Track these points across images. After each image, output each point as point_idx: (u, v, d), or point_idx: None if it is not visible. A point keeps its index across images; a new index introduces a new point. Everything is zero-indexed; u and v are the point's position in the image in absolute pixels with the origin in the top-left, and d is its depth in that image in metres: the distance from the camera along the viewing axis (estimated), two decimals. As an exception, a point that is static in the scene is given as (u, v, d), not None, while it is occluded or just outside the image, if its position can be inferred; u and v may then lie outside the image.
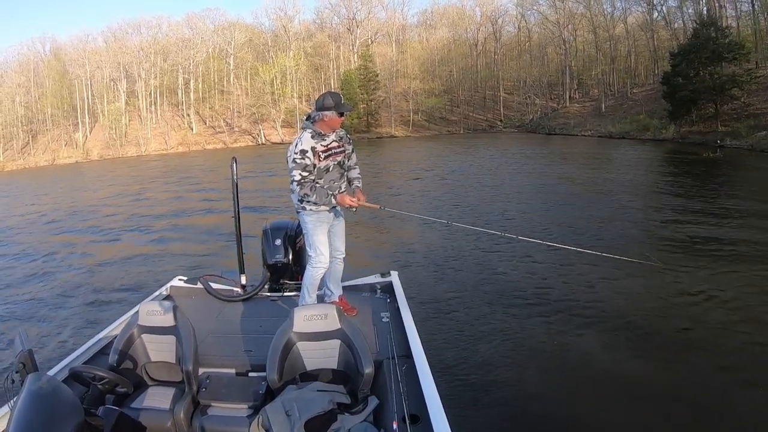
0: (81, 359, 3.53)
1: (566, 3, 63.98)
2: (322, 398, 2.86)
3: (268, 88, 65.62)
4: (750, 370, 5.08)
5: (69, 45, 71.93)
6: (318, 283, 4.33)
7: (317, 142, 4.09)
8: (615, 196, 15.38)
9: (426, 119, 67.14)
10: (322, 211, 4.20)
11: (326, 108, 4.01)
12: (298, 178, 4.02)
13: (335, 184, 4.23)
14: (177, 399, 3.07)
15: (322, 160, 4.12)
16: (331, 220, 4.30)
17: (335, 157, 4.20)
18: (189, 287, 5.10)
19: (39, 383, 2.28)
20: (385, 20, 77.02)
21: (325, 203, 4.10)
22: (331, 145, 4.17)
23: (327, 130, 4.12)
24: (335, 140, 4.20)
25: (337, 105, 4.04)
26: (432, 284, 8.20)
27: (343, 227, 4.50)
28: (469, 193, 17.55)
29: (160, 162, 46.78)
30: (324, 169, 4.14)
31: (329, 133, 4.15)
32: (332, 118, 4.06)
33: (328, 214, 4.26)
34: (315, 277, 4.28)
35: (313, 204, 4.13)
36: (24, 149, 63.58)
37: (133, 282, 9.43)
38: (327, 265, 4.27)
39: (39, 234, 15.78)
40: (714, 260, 8.62)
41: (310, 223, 4.23)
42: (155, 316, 3.31)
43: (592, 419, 4.44)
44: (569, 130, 50.55)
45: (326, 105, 4.01)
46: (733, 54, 32.72)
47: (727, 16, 46.13)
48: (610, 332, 6.10)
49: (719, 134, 31.07)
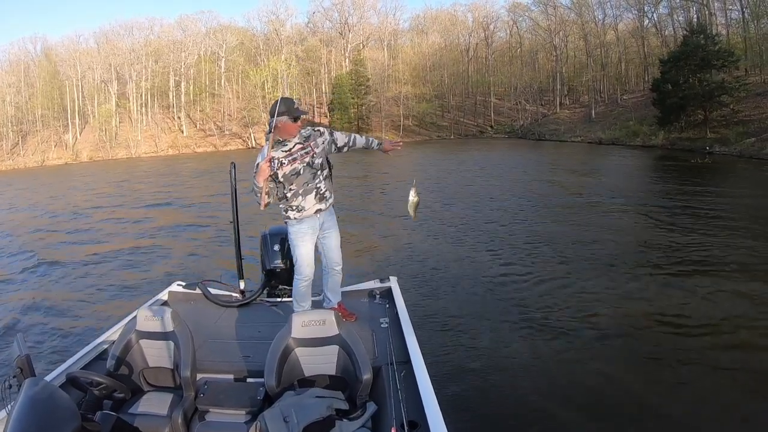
0: (78, 364, 3.51)
1: (558, 10, 64.62)
2: (321, 404, 2.86)
3: (259, 91, 65.43)
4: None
5: (60, 46, 71.61)
6: (305, 295, 4.31)
7: (276, 149, 4.05)
8: (600, 202, 15.50)
9: (417, 124, 67.33)
10: (305, 220, 4.16)
11: (280, 114, 3.94)
12: (250, 189, 4.08)
13: (309, 186, 4.14)
14: (175, 405, 3.06)
15: (285, 165, 4.06)
16: (316, 229, 4.24)
17: (303, 159, 4.11)
18: (187, 292, 5.07)
19: (36, 388, 2.26)
20: (378, 25, 77.26)
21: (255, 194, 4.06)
22: (294, 149, 4.10)
23: (286, 136, 4.07)
24: (299, 142, 4.12)
25: (289, 110, 3.98)
26: (430, 290, 8.17)
27: (337, 238, 4.43)
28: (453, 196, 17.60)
29: (150, 164, 46.53)
30: (292, 174, 4.08)
31: (290, 138, 4.09)
32: (286, 124, 3.99)
33: (313, 222, 4.20)
34: (299, 289, 4.27)
35: (296, 212, 4.12)
36: (13, 150, 62.93)
37: (130, 287, 9.36)
38: (309, 278, 4.24)
39: (34, 237, 15.64)
40: (700, 267, 8.76)
41: (292, 234, 4.21)
42: (153, 322, 3.29)
43: (592, 426, 4.46)
44: (559, 136, 50.77)
45: (279, 111, 3.94)
46: (722, 61, 33.04)
47: (717, 23, 46.58)
48: (611, 343, 6.10)
49: (708, 141, 31.32)
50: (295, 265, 4.26)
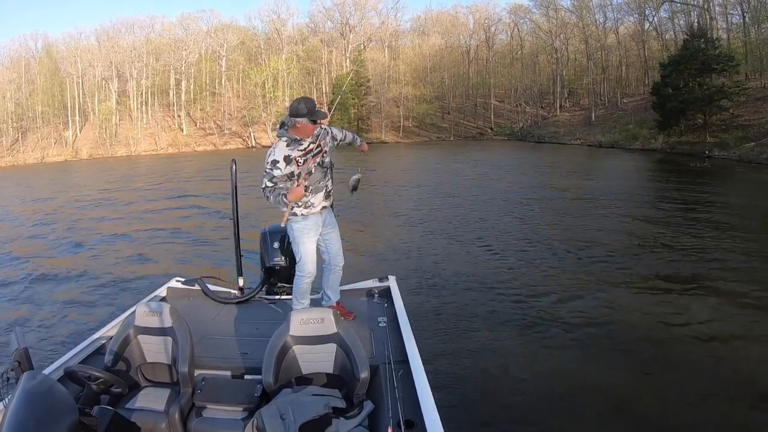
0: (77, 359, 3.50)
1: (559, 12, 64.56)
2: (318, 402, 2.85)
3: (259, 91, 65.36)
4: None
5: (61, 42, 71.36)
6: (306, 292, 4.30)
7: (293, 149, 4.03)
8: (597, 205, 15.52)
9: (417, 125, 67.19)
10: (311, 216, 4.16)
11: (300, 115, 3.90)
12: (263, 186, 4.05)
13: (320, 184, 4.17)
14: (172, 400, 3.06)
15: (301, 165, 4.05)
16: (319, 226, 4.24)
17: (315, 159, 4.12)
18: (186, 288, 5.07)
19: (34, 382, 2.27)
20: (379, 26, 77.11)
21: (279, 205, 4.04)
22: (309, 147, 4.09)
23: (302, 136, 4.04)
24: (312, 141, 4.11)
25: (310, 112, 3.92)
26: (430, 290, 8.18)
27: (338, 236, 4.44)
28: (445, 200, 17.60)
29: (149, 162, 46.49)
30: (306, 173, 4.08)
31: (305, 138, 4.06)
32: (305, 125, 3.95)
33: (317, 219, 4.20)
34: (301, 287, 4.26)
35: (303, 208, 4.11)
36: (13, 146, 62.78)
37: (129, 282, 9.37)
38: (312, 275, 4.23)
39: (33, 231, 15.63)
40: (697, 269, 8.82)
41: (297, 231, 4.18)
42: (152, 317, 3.29)
43: (591, 427, 4.46)
44: (559, 139, 50.84)
45: (300, 112, 3.89)
46: (723, 65, 33.13)
47: (718, 27, 46.64)
48: (610, 344, 6.12)
49: (708, 145, 31.41)
50: (298, 262, 4.24)
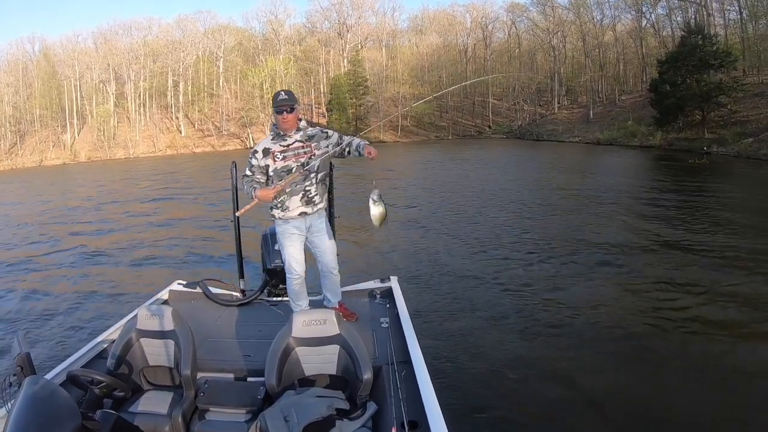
0: (79, 363, 3.50)
1: (556, 10, 64.63)
2: (321, 404, 2.85)
3: (257, 91, 65.34)
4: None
5: (58, 45, 71.54)
6: (299, 294, 4.28)
7: (276, 143, 4.00)
8: (597, 202, 15.51)
9: (415, 124, 67.26)
10: (289, 221, 4.10)
11: (273, 106, 3.93)
12: (243, 173, 4.06)
13: (298, 186, 4.02)
14: (175, 403, 3.06)
15: (278, 161, 3.98)
16: (303, 231, 4.16)
17: (297, 158, 3.99)
18: (188, 291, 5.07)
19: (36, 386, 2.26)
20: (376, 25, 77.18)
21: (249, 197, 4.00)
22: (293, 145, 4.01)
23: (284, 130, 3.99)
24: (300, 140, 4.02)
25: (273, 102, 3.94)
26: (432, 290, 8.15)
27: (330, 242, 4.32)
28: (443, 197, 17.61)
29: (148, 164, 46.44)
30: (283, 171, 3.98)
31: (290, 131, 4.01)
32: (276, 116, 3.96)
33: (298, 224, 4.12)
34: (292, 288, 4.24)
35: (280, 211, 4.06)
36: (11, 150, 62.82)
37: (131, 286, 9.33)
38: (300, 275, 4.20)
39: (33, 234, 15.60)
40: (696, 265, 8.80)
41: (279, 234, 4.20)
42: (154, 320, 3.29)
43: (593, 427, 4.46)
44: (557, 137, 50.85)
45: (273, 104, 3.93)
46: (720, 62, 33.16)
47: (715, 24, 46.64)
48: (611, 342, 6.08)
49: (706, 141, 31.41)
50: (284, 264, 4.25)
